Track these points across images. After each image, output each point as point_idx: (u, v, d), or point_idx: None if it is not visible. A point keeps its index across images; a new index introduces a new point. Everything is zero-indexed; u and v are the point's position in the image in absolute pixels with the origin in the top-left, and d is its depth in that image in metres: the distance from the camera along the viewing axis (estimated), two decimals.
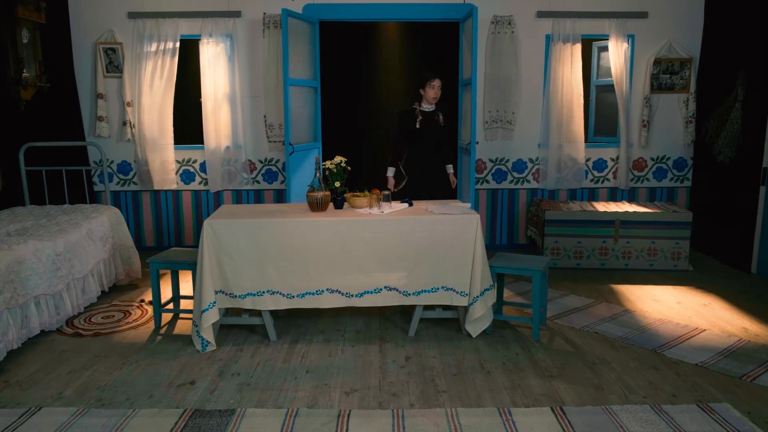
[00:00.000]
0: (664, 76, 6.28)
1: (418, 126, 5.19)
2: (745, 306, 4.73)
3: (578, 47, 6.13)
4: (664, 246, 5.71)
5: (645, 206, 6.00)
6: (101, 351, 3.92)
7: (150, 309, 4.68)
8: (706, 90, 6.19)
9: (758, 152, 5.46)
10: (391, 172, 5.34)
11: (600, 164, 6.50)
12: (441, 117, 5.25)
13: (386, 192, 4.25)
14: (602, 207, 5.96)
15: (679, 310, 4.68)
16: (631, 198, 6.55)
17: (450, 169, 5.48)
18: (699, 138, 6.29)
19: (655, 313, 4.61)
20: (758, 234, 5.53)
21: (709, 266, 5.89)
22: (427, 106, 5.24)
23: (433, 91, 5.15)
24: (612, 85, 6.39)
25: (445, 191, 5.40)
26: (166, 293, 4.91)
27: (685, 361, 3.73)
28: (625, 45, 6.16)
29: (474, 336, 4.09)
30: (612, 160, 6.49)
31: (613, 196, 6.56)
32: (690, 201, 6.55)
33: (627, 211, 5.74)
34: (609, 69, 6.34)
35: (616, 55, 6.15)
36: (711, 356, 3.80)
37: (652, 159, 6.49)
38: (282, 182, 6.44)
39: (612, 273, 5.68)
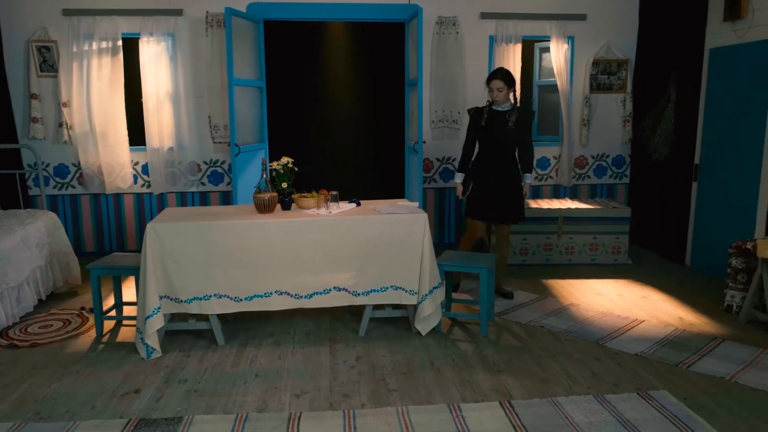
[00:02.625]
0: (603, 76, 6.49)
1: (483, 123, 4.67)
2: (680, 297, 4.95)
3: (519, 48, 6.26)
4: (604, 241, 5.90)
5: (587, 203, 6.19)
6: (39, 362, 3.76)
7: (91, 317, 4.52)
8: (642, 90, 6.43)
9: (691, 150, 5.72)
10: (459, 178, 4.80)
11: (543, 162, 6.66)
12: (510, 118, 4.62)
13: (334, 192, 4.23)
14: (546, 204, 6.11)
15: (619, 302, 4.85)
16: (574, 195, 6.75)
17: (528, 178, 4.75)
18: (636, 136, 6.52)
19: (597, 306, 4.76)
20: (692, 228, 5.78)
21: (647, 260, 6.12)
22: (499, 106, 4.68)
23: (492, 93, 4.62)
24: (553, 85, 6.56)
25: (516, 202, 4.76)
26: (108, 300, 4.75)
27: (625, 351, 3.87)
28: (566, 46, 6.33)
29: (423, 334, 4.12)
30: (554, 158, 6.66)
31: (557, 193, 6.74)
32: (628, 197, 6.79)
33: (569, 208, 5.91)
34: (551, 69, 6.51)
35: (557, 56, 6.32)
36: (650, 346, 3.95)
37: (593, 157, 6.70)
38: (228, 184, 6.34)
39: (556, 268, 5.83)
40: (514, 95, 4.70)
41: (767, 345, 3.94)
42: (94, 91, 5.89)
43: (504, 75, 4.61)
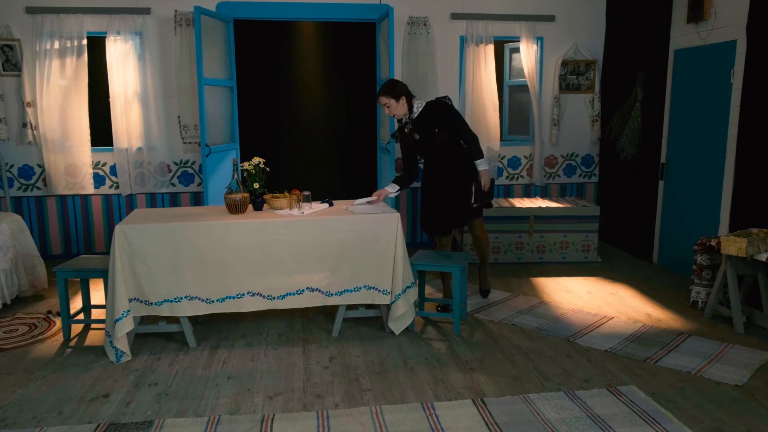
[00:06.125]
0: (571, 77, 6.59)
1: (402, 142, 4.63)
2: (648, 293, 5.04)
3: (491, 48, 6.32)
4: (574, 239, 5.99)
5: (557, 202, 6.28)
6: (4, 368, 3.66)
7: (58, 320, 4.43)
8: (609, 90, 6.55)
9: (657, 149, 5.83)
10: (391, 187, 4.56)
11: (514, 162, 6.73)
12: (407, 126, 4.52)
13: (306, 192, 4.22)
14: (517, 203, 6.18)
15: (589, 299, 4.93)
16: (544, 194, 6.83)
17: (480, 165, 4.48)
18: (604, 136, 6.64)
19: (568, 303, 4.83)
20: (658, 226, 5.91)
21: (615, 257, 6.23)
22: (404, 119, 4.54)
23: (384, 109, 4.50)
24: (523, 85, 6.64)
25: (462, 204, 4.61)
26: (76, 303, 4.66)
27: (595, 347, 3.93)
28: (535, 47, 6.41)
29: (397, 333, 4.13)
30: (525, 157, 6.74)
31: (528, 192, 6.82)
32: (597, 196, 6.90)
33: (540, 207, 5.98)
34: (521, 70, 6.58)
35: (527, 56, 6.39)
36: (618, 342, 4.02)
37: (563, 156, 6.79)
38: (199, 185, 6.26)
39: (528, 267, 5.90)
40: (409, 102, 4.46)
41: (731, 339, 4.05)
42: (58, 91, 5.77)
43: (385, 90, 4.40)
